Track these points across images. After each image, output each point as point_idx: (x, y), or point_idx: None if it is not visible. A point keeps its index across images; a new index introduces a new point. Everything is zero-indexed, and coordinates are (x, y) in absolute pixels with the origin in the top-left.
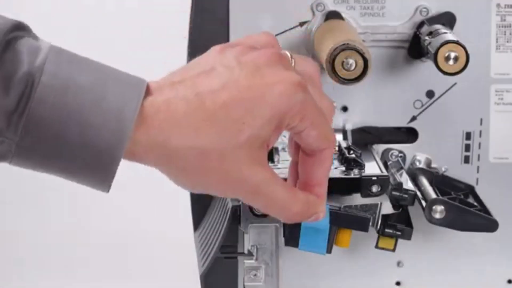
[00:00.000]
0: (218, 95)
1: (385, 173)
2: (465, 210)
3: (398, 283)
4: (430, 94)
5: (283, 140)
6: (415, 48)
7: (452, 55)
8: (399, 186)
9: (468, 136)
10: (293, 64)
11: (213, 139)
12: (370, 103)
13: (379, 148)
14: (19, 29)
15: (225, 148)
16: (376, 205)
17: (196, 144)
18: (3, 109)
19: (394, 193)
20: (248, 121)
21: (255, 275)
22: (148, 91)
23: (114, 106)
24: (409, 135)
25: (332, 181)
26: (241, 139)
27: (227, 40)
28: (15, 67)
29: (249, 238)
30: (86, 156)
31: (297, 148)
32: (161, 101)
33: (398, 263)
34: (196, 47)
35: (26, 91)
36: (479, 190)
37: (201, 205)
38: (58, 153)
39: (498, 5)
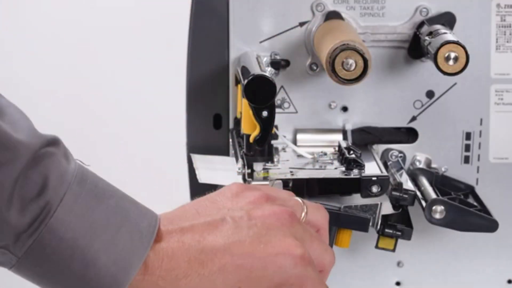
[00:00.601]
0: (220, 257)
1: (385, 173)
2: (465, 210)
3: (398, 283)
4: (430, 94)
5: (283, 140)
6: (415, 48)
7: (452, 55)
8: (399, 186)
9: (468, 136)
10: (305, 211)
11: None
12: (370, 103)
13: (379, 148)
14: (51, 144)
15: None
16: (376, 205)
17: None
18: (15, 227)
19: (394, 193)
20: (244, 286)
21: None
22: (157, 235)
23: (122, 250)
24: (409, 135)
25: (332, 181)
26: None
27: (227, 40)
28: (38, 190)
29: None
30: None
31: None
32: (166, 252)
33: (398, 263)
34: (196, 47)
35: (41, 216)
36: (479, 190)
37: None
38: (54, 280)
39: (498, 5)
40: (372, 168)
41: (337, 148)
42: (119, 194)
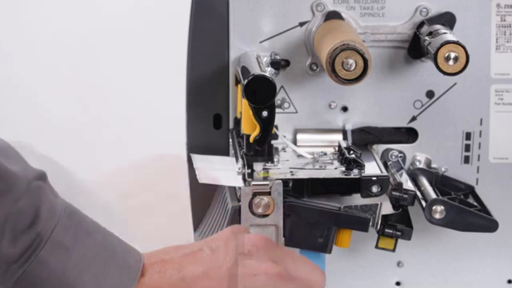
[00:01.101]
0: (199, 282)
1: (385, 173)
2: (465, 210)
3: (398, 283)
4: (430, 94)
5: (283, 140)
6: (415, 48)
7: (452, 55)
8: (399, 186)
9: (468, 136)
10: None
11: None
12: (370, 103)
13: (379, 148)
14: (40, 178)
15: None
16: (376, 205)
17: None
18: (5, 257)
19: (394, 193)
20: None
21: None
22: (142, 270)
23: (111, 284)
24: (409, 135)
25: (332, 181)
26: None
27: (227, 40)
28: (29, 221)
29: None
30: None
31: None
32: (149, 283)
33: (398, 263)
34: (196, 47)
35: (32, 248)
36: (479, 190)
37: (201, 205)
38: None
39: (498, 5)
40: (372, 168)
41: (337, 148)
42: (104, 230)
